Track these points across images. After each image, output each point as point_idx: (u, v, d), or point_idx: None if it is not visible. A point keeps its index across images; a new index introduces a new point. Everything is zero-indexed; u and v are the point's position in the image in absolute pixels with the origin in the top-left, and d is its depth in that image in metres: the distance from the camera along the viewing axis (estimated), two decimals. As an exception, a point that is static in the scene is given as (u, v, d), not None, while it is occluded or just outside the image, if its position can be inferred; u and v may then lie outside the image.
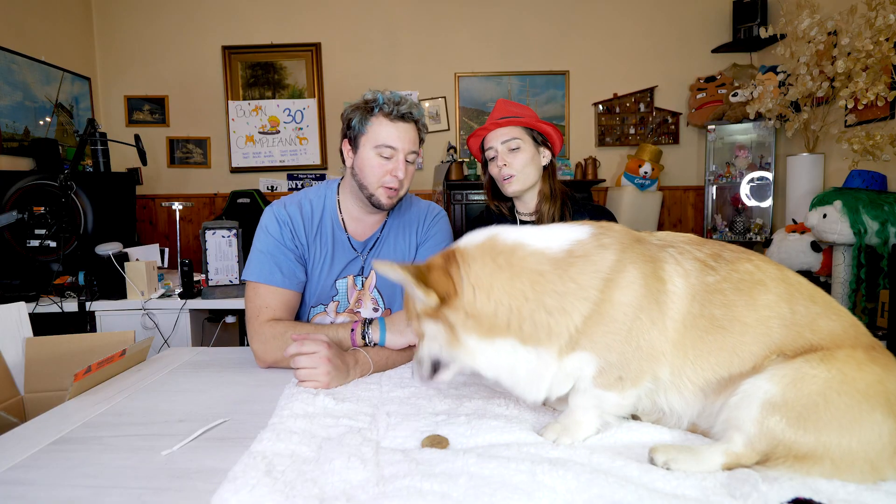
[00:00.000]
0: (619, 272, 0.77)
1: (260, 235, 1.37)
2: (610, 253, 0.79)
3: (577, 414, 0.84)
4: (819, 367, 0.70)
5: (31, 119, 3.59)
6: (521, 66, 4.43)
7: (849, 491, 0.66)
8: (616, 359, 0.78)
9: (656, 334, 0.78)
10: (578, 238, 0.81)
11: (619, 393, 0.80)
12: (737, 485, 0.68)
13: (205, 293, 2.38)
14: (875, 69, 2.65)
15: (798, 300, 0.78)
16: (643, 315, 0.77)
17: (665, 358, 0.79)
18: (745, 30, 4.08)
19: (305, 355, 1.09)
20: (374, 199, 1.35)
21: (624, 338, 0.77)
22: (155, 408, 1.03)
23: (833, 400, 0.68)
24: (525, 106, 1.62)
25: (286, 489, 0.68)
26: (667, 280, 0.79)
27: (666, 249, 0.82)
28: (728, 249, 0.83)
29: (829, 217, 2.66)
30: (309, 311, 1.43)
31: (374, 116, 1.31)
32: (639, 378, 0.79)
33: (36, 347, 1.51)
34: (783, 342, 0.76)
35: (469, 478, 0.70)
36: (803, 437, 0.69)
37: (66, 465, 0.79)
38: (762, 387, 0.72)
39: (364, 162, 1.33)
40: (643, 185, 4.11)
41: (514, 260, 0.78)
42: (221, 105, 4.44)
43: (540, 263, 0.78)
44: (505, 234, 0.81)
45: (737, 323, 0.77)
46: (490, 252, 0.79)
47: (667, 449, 0.76)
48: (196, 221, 4.43)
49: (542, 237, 0.81)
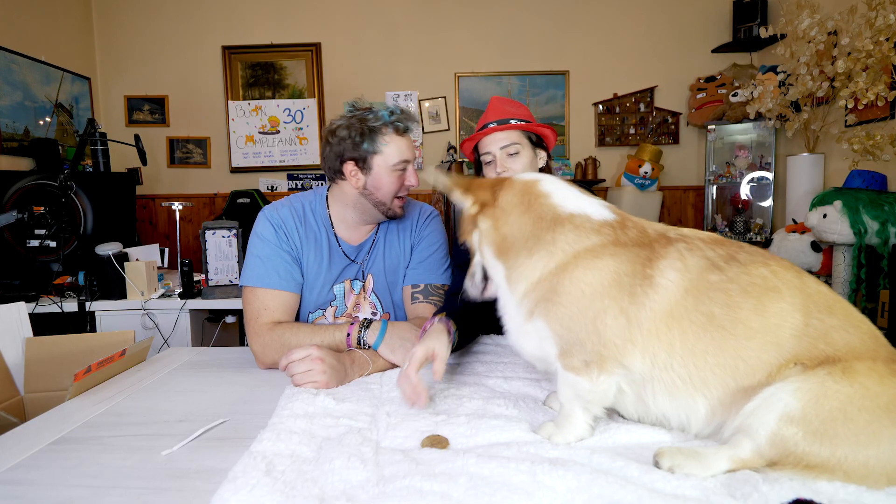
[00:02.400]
0: (594, 256, 0.81)
1: (254, 241, 1.36)
2: (598, 238, 0.83)
3: (564, 408, 0.85)
4: (842, 381, 0.69)
5: (31, 119, 3.59)
6: (520, 65, 4.43)
7: (849, 491, 0.66)
8: (571, 337, 0.80)
9: (622, 321, 0.78)
10: (588, 214, 0.86)
11: (587, 378, 0.81)
12: (737, 485, 0.68)
13: (205, 293, 2.38)
14: (875, 69, 2.65)
15: (813, 312, 0.75)
16: (606, 301, 0.78)
17: (634, 347, 0.78)
18: (745, 30, 4.08)
19: (297, 361, 1.09)
20: (391, 212, 1.37)
21: (577, 316, 0.79)
22: (155, 408, 1.03)
23: (853, 416, 0.67)
24: (520, 103, 1.55)
25: (286, 489, 0.68)
26: (655, 275, 0.79)
27: (675, 243, 0.82)
28: (746, 252, 0.81)
29: (830, 217, 2.66)
30: (308, 315, 1.43)
31: (384, 136, 1.31)
32: (603, 363, 0.79)
33: (36, 347, 1.51)
34: (797, 352, 0.74)
35: (469, 478, 0.70)
36: (818, 449, 0.68)
37: (66, 465, 0.79)
38: (783, 399, 0.70)
39: (381, 181, 1.33)
40: (643, 185, 4.11)
41: (533, 202, 0.89)
42: (221, 105, 4.44)
43: (546, 212, 0.87)
44: (543, 183, 0.92)
45: (740, 325, 0.75)
46: (523, 187, 0.91)
47: (672, 453, 0.74)
48: (196, 221, 4.43)
49: (565, 197, 0.89)
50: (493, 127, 1.44)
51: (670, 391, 0.80)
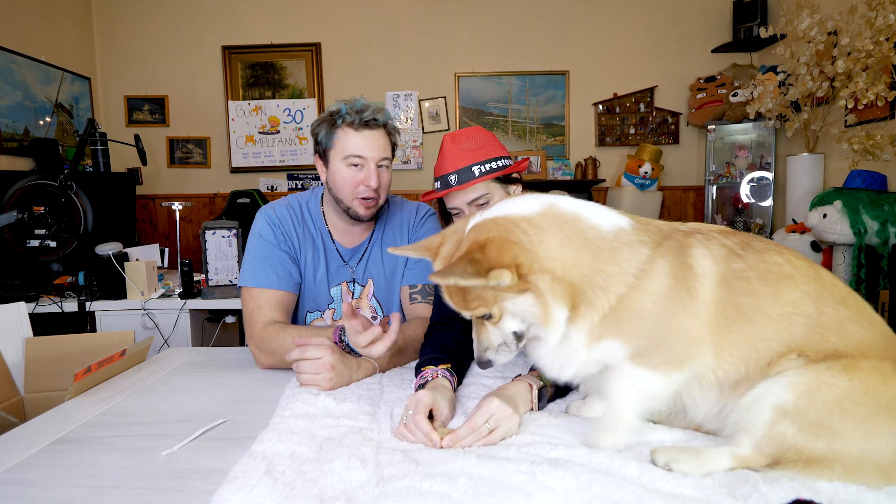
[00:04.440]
0: (650, 264, 0.76)
1: (252, 241, 1.36)
2: (645, 248, 0.78)
3: (616, 412, 0.81)
4: (840, 375, 0.69)
5: (31, 119, 3.59)
6: (520, 66, 4.43)
7: (849, 492, 0.66)
8: (647, 343, 0.76)
9: (689, 318, 0.75)
10: (620, 226, 0.80)
11: (665, 375, 0.77)
12: (737, 485, 0.68)
13: (205, 293, 2.38)
14: (875, 69, 2.65)
15: (827, 301, 0.75)
16: (673, 302, 0.75)
17: (705, 340, 0.76)
18: (745, 30, 4.07)
19: (309, 361, 1.08)
20: (352, 211, 1.33)
21: (654, 322, 0.76)
22: (155, 408, 1.03)
23: (850, 409, 0.67)
24: (477, 134, 1.28)
25: (286, 489, 0.68)
26: (694, 265, 0.77)
27: (693, 235, 0.81)
28: (758, 240, 0.82)
29: (830, 217, 2.65)
30: (306, 315, 1.43)
31: (338, 128, 1.29)
32: (684, 361, 0.76)
33: (36, 347, 1.51)
34: (805, 342, 0.73)
35: (469, 478, 0.70)
36: (814, 442, 0.68)
37: (66, 465, 0.79)
38: (775, 392, 0.70)
39: (336, 175, 1.31)
40: (643, 185, 4.11)
41: (579, 231, 0.77)
42: (221, 105, 4.44)
43: (597, 239, 0.77)
44: (562, 204, 0.81)
45: (760, 314, 0.75)
46: (556, 221, 0.78)
47: (668, 450, 0.75)
48: (196, 221, 4.43)
49: (594, 212, 0.81)
50: (454, 188, 1.22)
51: (701, 384, 0.79)
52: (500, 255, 0.74)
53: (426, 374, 1.03)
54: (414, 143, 4.45)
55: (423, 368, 1.05)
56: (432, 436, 0.82)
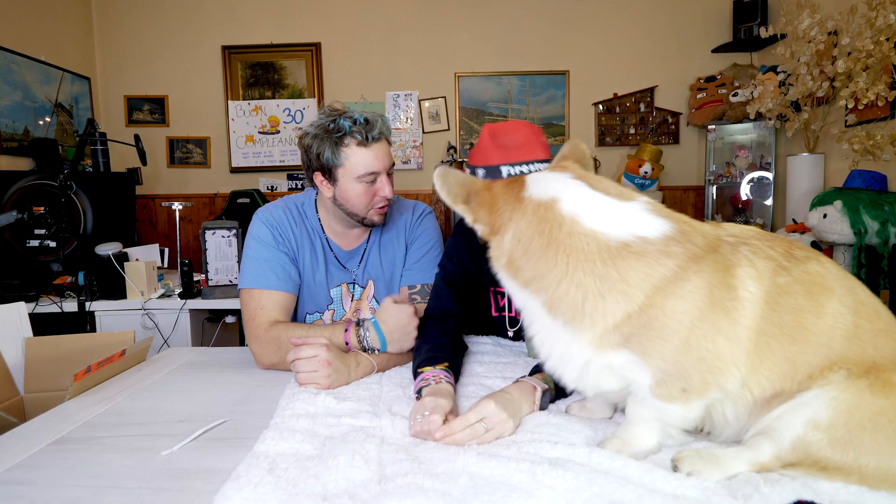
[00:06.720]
0: (676, 281, 0.71)
1: (250, 243, 1.35)
2: (671, 261, 0.72)
3: (635, 427, 0.79)
4: (879, 393, 0.67)
5: (31, 119, 3.59)
6: (520, 65, 4.43)
7: (850, 492, 0.66)
8: (674, 369, 0.72)
9: (723, 343, 0.71)
10: (645, 236, 0.73)
11: (683, 405, 0.74)
12: (738, 486, 0.68)
13: (205, 293, 2.38)
14: (875, 69, 2.65)
15: (862, 314, 0.73)
16: (705, 324, 0.70)
17: (737, 368, 0.72)
18: (746, 30, 4.07)
19: (305, 359, 1.08)
20: (367, 220, 1.34)
21: (680, 347, 0.71)
22: (155, 408, 1.02)
23: (883, 427, 0.66)
24: (520, 131, 1.22)
25: (289, 487, 0.68)
26: (738, 286, 0.72)
27: (740, 249, 0.75)
28: (797, 247, 0.77)
29: (830, 217, 2.65)
30: (305, 317, 1.43)
31: (346, 147, 1.25)
32: (705, 389, 0.73)
33: (36, 347, 1.51)
34: (844, 355, 0.71)
35: (469, 477, 0.70)
36: (840, 456, 0.67)
37: (66, 465, 0.79)
38: (813, 406, 0.68)
39: (348, 193, 1.29)
40: (643, 185, 4.11)
41: (559, 235, 0.75)
42: (221, 105, 4.44)
43: (587, 245, 0.74)
44: (566, 203, 0.77)
45: (803, 331, 0.72)
46: (541, 215, 0.77)
47: (692, 458, 0.73)
48: (196, 221, 4.43)
49: (605, 219, 0.75)
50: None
51: (735, 404, 0.76)
52: (479, 211, 0.83)
53: (426, 375, 1.02)
54: (414, 143, 4.46)
55: (422, 370, 1.04)
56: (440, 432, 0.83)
